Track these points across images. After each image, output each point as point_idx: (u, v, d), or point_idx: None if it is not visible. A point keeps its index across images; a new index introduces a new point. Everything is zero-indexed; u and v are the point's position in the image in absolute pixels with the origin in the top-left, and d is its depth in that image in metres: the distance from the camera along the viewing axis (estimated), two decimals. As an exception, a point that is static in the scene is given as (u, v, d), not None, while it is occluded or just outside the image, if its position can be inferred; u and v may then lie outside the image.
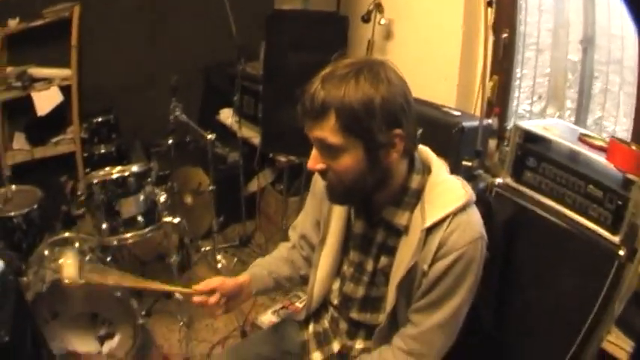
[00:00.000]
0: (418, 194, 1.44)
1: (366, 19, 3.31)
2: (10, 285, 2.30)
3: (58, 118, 4.27)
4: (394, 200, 1.46)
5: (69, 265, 1.90)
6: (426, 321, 1.45)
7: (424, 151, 1.53)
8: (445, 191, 1.43)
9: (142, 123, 4.40)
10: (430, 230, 1.39)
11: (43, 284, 2.70)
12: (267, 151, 3.68)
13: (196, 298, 1.67)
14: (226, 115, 4.41)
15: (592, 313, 1.78)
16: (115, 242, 2.96)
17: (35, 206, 3.23)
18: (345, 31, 3.13)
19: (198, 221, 4.02)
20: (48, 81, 4.13)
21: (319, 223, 1.72)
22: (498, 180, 2.23)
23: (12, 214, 3.14)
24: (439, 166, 1.49)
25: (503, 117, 3.22)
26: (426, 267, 1.40)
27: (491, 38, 3.09)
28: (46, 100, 4.13)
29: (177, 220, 3.04)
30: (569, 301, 1.88)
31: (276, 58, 3.20)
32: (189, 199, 4.01)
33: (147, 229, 2.99)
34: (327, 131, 1.32)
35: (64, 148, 4.33)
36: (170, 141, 3.42)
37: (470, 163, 2.58)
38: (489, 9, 2.98)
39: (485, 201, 2.00)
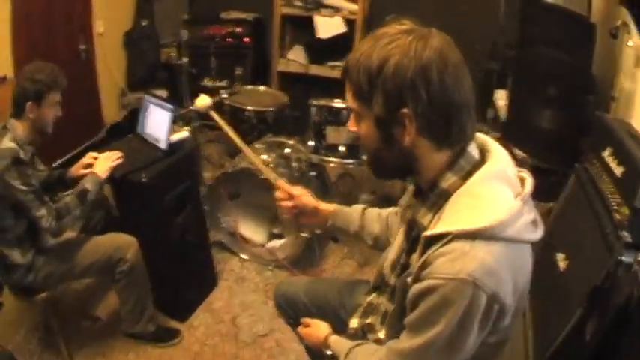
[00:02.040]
0: (446, 196, 1.20)
1: (614, 34, 3.06)
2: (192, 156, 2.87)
3: (341, 46, 4.57)
4: (422, 195, 1.29)
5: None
6: (400, 341, 1.27)
7: (492, 154, 1.23)
8: (472, 205, 1.14)
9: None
10: (429, 242, 1.17)
11: (234, 167, 3.21)
12: (511, 140, 3.60)
13: (277, 194, 1.78)
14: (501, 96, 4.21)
15: None
16: (316, 161, 3.31)
17: (272, 108, 3.73)
18: (591, 39, 2.97)
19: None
20: (335, 9, 4.54)
21: None
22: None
23: (248, 107, 3.68)
24: (489, 176, 1.18)
25: None
26: (409, 280, 1.21)
27: None
28: (328, 26, 4.55)
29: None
30: None
31: (527, 48, 3.13)
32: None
33: (346, 160, 3.29)
34: (348, 93, 1.24)
35: (337, 73, 4.72)
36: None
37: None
38: None
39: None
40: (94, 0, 4.58)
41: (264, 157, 3.28)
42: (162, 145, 2.79)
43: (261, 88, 4.09)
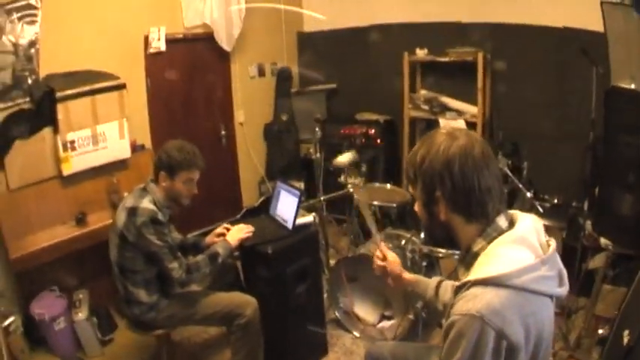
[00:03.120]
0: (476, 257, 1.48)
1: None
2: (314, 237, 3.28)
3: None
4: (462, 258, 1.57)
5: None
6: None
7: (516, 225, 1.48)
8: (489, 262, 1.42)
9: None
10: (456, 291, 1.45)
11: (354, 253, 3.52)
12: (597, 230, 3.59)
13: (376, 252, 2.13)
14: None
15: None
16: (427, 251, 3.51)
17: (394, 204, 3.98)
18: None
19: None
20: (458, 113, 4.81)
21: None
22: None
23: (374, 202, 3.96)
24: (509, 240, 1.44)
25: None
26: (443, 321, 1.48)
27: None
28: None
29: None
30: None
31: (611, 135, 3.16)
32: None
33: (450, 251, 3.42)
34: (407, 179, 1.63)
35: None
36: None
37: None
38: None
39: None
40: (234, 90, 5.18)
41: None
42: (289, 225, 3.13)
43: (388, 186, 4.38)
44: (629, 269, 3.07)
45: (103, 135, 3.73)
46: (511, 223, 1.50)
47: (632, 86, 3.18)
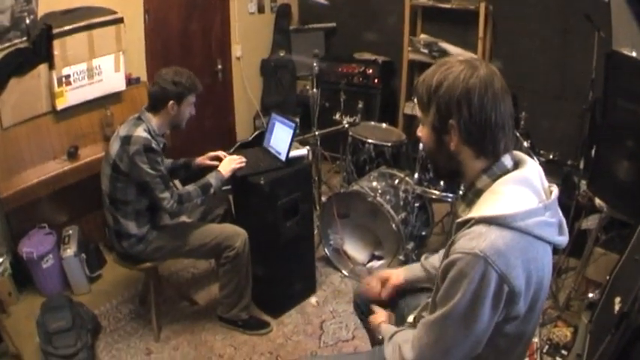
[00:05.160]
0: (479, 194, 1.44)
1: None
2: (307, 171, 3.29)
3: None
4: (463, 195, 1.52)
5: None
6: (425, 318, 1.49)
7: (523, 166, 1.45)
8: (494, 199, 1.37)
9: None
10: (459, 227, 1.41)
11: (346, 189, 3.51)
12: (592, 190, 3.63)
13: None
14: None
15: None
16: (420, 192, 3.50)
17: (389, 144, 3.97)
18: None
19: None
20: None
21: None
22: None
23: (368, 139, 3.95)
24: (514, 180, 1.40)
25: None
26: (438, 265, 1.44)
27: None
28: None
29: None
30: None
31: (611, 98, 3.16)
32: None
33: (444, 193, 3.40)
34: (417, 102, 1.51)
35: None
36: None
37: None
38: None
39: None
40: (233, 25, 5.09)
41: (374, 183, 3.57)
42: (282, 157, 3.12)
43: (384, 125, 4.35)
44: (621, 235, 3.07)
45: (99, 68, 3.68)
46: (516, 164, 1.46)
47: (634, 54, 3.14)
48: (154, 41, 4.40)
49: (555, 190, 1.46)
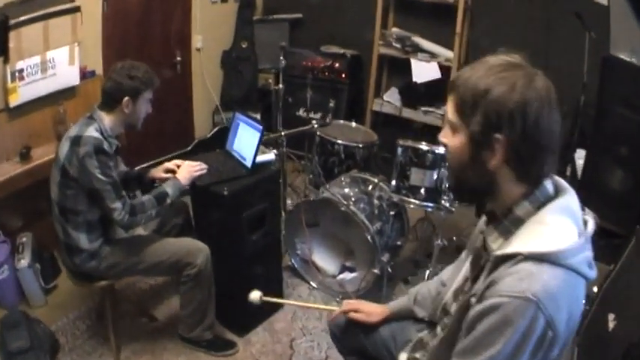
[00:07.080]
0: (520, 223, 1.24)
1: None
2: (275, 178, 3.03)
3: (434, 92, 4.59)
4: (496, 220, 1.31)
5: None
6: None
7: (564, 192, 1.29)
8: (542, 232, 1.19)
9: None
10: (498, 263, 1.21)
11: (319, 195, 3.24)
12: (582, 201, 3.51)
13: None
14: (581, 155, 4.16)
15: None
16: (397, 200, 3.29)
17: (361, 145, 3.75)
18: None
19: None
20: (431, 55, 4.55)
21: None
22: None
23: (338, 140, 3.73)
24: (561, 209, 1.24)
25: None
26: (473, 301, 1.24)
27: None
28: (423, 71, 4.56)
29: (453, 209, 3.18)
30: None
31: (605, 106, 3.07)
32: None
33: (425, 203, 3.22)
34: (450, 105, 1.29)
35: (430, 119, 4.68)
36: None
37: None
38: None
39: None
40: (194, 15, 4.79)
41: (346, 190, 3.32)
42: (248, 164, 2.84)
43: (353, 124, 4.13)
44: (610, 245, 2.94)
45: (53, 61, 3.39)
46: (556, 190, 1.28)
47: (633, 60, 3.06)
48: (111, 31, 4.08)
49: (591, 221, 1.30)
